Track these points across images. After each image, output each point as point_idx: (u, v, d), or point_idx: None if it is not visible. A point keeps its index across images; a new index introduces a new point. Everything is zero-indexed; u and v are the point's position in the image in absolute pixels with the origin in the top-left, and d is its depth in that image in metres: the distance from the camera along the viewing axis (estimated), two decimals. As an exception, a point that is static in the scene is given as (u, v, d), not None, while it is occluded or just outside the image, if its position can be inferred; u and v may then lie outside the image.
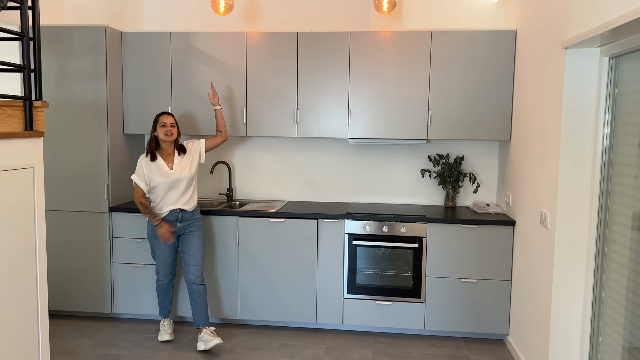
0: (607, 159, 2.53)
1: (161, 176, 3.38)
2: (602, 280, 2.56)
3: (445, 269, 3.62)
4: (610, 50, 2.42)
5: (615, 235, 2.44)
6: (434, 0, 3.99)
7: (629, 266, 2.31)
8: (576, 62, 2.57)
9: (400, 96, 3.73)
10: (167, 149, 3.46)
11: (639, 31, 2.07)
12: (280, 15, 4.17)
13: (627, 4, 1.97)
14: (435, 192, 4.16)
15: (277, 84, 3.84)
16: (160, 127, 3.39)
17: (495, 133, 3.69)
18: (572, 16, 2.53)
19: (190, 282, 3.49)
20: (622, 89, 2.41)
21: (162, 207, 3.44)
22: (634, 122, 2.30)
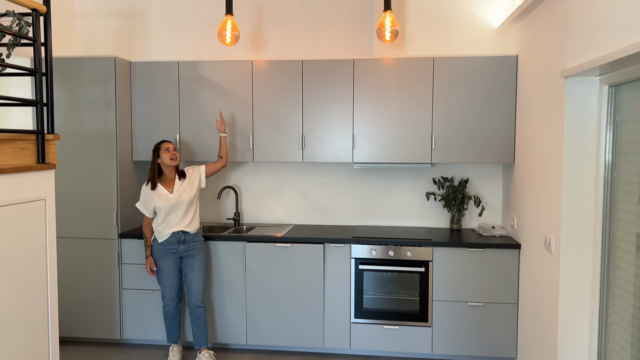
0: (609, 183, 2.55)
1: (161, 200, 3.49)
2: (607, 306, 2.57)
3: (451, 292, 3.63)
4: (609, 79, 2.46)
5: (619, 260, 2.46)
6: (436, 27, 4.06)
7: (634, 292, 2.32)
8: (576, 90, 2.62)
9: (403, 121, 3.79)
10: (169, 174, 3.57)
11: (636, 63, 2.11)
12: (285, 44, 4.26)
13: (625, 37, 2.01)
14: (441, 214, 4.18)
15: (282, 111, 3.91)
16: (165, 152, 3.51)
17: (498, 156, 3.72)
18: (571, 46, 2.58)
19: (192, 305, 3.58)
20: (623, 116, 2.45)
21: (164, 229, 3.53)
22: (635, 149, 2.33)
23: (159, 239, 3.56)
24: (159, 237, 3.56)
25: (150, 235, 3.62)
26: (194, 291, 3.58)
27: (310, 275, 3.74)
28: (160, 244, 3.55)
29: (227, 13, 3.41)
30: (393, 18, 3.28)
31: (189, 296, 3.60)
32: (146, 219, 3.60)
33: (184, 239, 3.56)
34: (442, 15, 4.05)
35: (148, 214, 3.56)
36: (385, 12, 3.29)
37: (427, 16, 4.07)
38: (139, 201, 3.59)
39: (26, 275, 2.45)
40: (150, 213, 3.56)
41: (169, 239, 3.54)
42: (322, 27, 4.20)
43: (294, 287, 3.76)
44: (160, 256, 3.56)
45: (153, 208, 3.52)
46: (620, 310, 2.44)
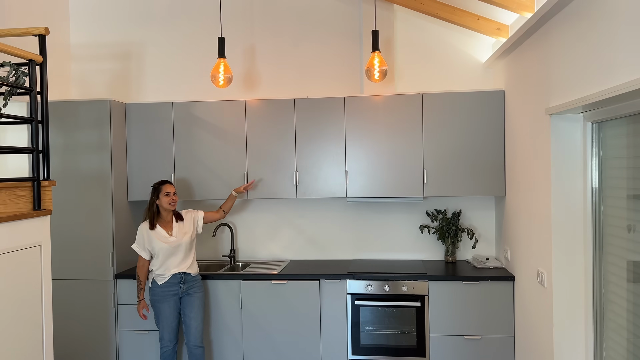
0: (597, 216, 2.60)
1: (162, 242, 3.48)
2: (602, 339, 2.58)
3: (448, 326, 3.63)
4: (592, 116, 2.53)
5: (610, 294, 2.48)
6: (424, 63, 4.17)
7: (627, 327, 2.34)
8: (561, 127, 2.69)
9: (395, 155, 3.85)
10: (167, 216, 3.59)
11: (617, 103, 2.18)
12: (277, 83, 4.35)
13: (604, 80, 2.09)
14: (435, 247, 4.21)
15: (276, 148, 3.97)
16: (165, 196, 3.53)
17: (489, 189, 3.78)
18: (555, 84, 2.66)
19: (191, 345, 3.58)
20: (607, 152, 2.51)
21: (164, 271, 3.52)
22: (619, 184, 2.38)
23: (158, 281, 3.52)
24: (159, 279, 3.52)
25: (145, 277, 3.59)
26: (193, 330, 3.57)
27: (306, 312, 3.73)
28: (160, 286, 3.51)
29: (220, 56, 3.50)
30: (381, 58, 3.37)
31: (188, 336, 3.57)
32: (141, 261, 3.56)
33: (185, 279, 3.56)
34: (429, 51, 4.16)
35: (145, 256, 3.53)
36: (373, 53, 3.39)
37: (415, 53, 4.18)
38: (135, 242, 3.57)
39: (22, 321, 2.45)
40: (147, 255, 3.53)
41: (169, 280, 3.51)
42: (313, 66, 4.30)
43: (291, 324, 3.75)
44: (161, 298, 3.51)
45: (151, 249, 3.51)
46: (614, 344, 2.46)
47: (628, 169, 2.32)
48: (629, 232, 2.32)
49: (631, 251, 2.29)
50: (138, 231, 3.57)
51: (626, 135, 2.34)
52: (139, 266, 3.57)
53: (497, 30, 3.63)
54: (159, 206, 3.56)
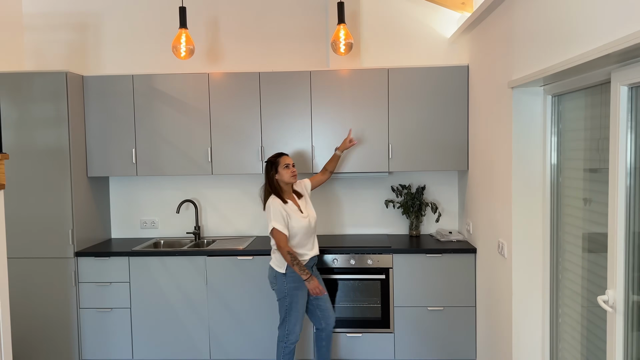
0: (555, 188, 2.67)
1: (300, 219, 3.15)
2: (558, 306, 2.68)
3: (412, 298, 3.70)
4: (552, 89, 2.58)
5: (566, 263, 2.57)
6: (390, 38, 4.15)
7: (581, 292, 2.43)
8: (522, 100, 2.73)
9: (361, 131, 3.85)
10: (288, 192, 3.24)
11: (575, 75, 2.23)
12: (242, 57, 4.26)
13: (564, 50, 2.12)
14: (400, 221, 4.26)
15: (240, 123, 3.90)
16: (284, 168, 3.17)
17: (453, 164, 3.83)
18: (517, 57, 2.69)
19: (329, 329, 3.37)
20: (566, 124, 2.57)
21: (303, 254, 3.19)
22: (577, 156, 2.45)
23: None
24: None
25: (295, 252, 3.14)
26: (331, 312, 3.35)
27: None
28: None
29: (182, 27, 3.39)
30: (347, 31, 3.33)
31: (328, 319, 3.34)
32: (284, 238, 3.08)
33: (315, 263, 3.34)
34: (395, 26, 4.15)
35: (287, 232, 3.10)
36: (339, 26, 3.35)
37: (380, 28, 4.16)
38: (274, 219, 3.07)
39: (-25, 302, 2.36)
40: (288, 231, 3.11)
41: (307, 264, 3.19)
42: (279, 40, 4.22)
43: (257, 299, 3.75)
44: (300, 284, 3.15)
45: (290, 227, 3.12)
46: (570, 310, 2.56)
47: (585, 141, 2.38)
48: (585, 205, 2.39)
49: (587, 222, 2.37)
50: (271, 207, 3.11)
51: (584, 108, 2.40)
52: (283, 245, 3.06)
53: (462, 5, 3.64)
54: (279, 181, 3.20)
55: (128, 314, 3.80)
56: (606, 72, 1.95)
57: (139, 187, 4.36)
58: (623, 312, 1.87)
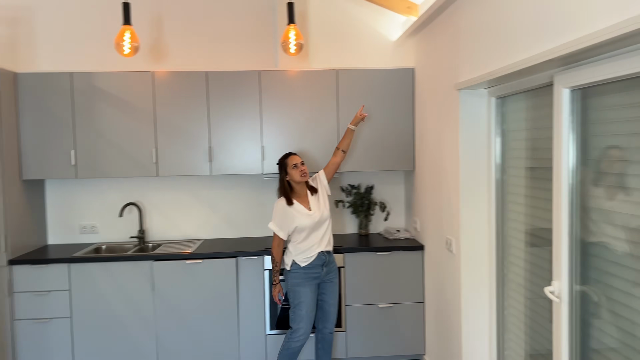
0: (500, 186, 2.80)
1: (304, 218, 3.19)
2: (504, 298, 2.81)
3: (363, 296, 3.76)
4: (495, 92, 2.71)
5: (511, 257, 2.70)
6: (337, 40, 4.19)
7: (525, 285, 2.56)
8: (468, 101, 2.84)
9: (311, 131, 3.86)
10: (301, 190, 3.28)
11: (519, 78, 2.34)
12: (188, 55, 4.15)
13: (507, 56, 2.23)
14: (350, 220, 4.31)
15: (187, 123, 3.81)
16: (293, 169, 3.22)
17: (400, 163, 3.92)
18: (463, 61, 2.80)
19: (327, 332, 3.39)
20: (509, 125, 2.70)
21: (308, 251, 3.22)
22: (519, 155, 2.58)
23: (301, 263, 3.21)
24: (302, 260, 3.21)
25: (280, 258, 3.29)
26: (332, 317, 3.36)
27: (223, 291, 3.67)
28: (303, 268, 3.20)
29: (125, 23, 3.26)
30: (298, 31, 3.33)
31: (325, 322, 3.36)
32: (277, 240, 3.25)
33: (328, 260, 3.29)
34: (342, 28, 4.20)
35: (283, 235, 3.23)
36: (289, 26, 3.34)
37: (328, 29, 4.19)
38: (273, 221, 3.25)
39: None
40: (285, 234, 3.23)
41: (314, 261, 3.22)
42: (226, 39, 4.16)
43: (207, 304, 3.67)
44: (303, 282, 3.21)
45: (293, 228, 3.19)
46: (514, 302, 2.69)
47: (526, 141, 2.52)
48: (525, 199, 2.53)
49: (529, 218, 2.50)
50: (274, 208, 3.26)
51: (525, 110, 2.53)
52: (275, 246, 3.26)
53: (408, 9, 3.74)
54: (290, 181, 3.25)
55: (68, 324, 3.61)
56: (549, 75, 2.07)
57: (77, 190, 4.15)
58: (568, 302, 1.99)
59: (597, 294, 1.90)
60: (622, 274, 1.76)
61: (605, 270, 1.85)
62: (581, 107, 1.94)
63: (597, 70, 1.73)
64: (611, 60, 1.66)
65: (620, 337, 1.79)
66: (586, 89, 1.90)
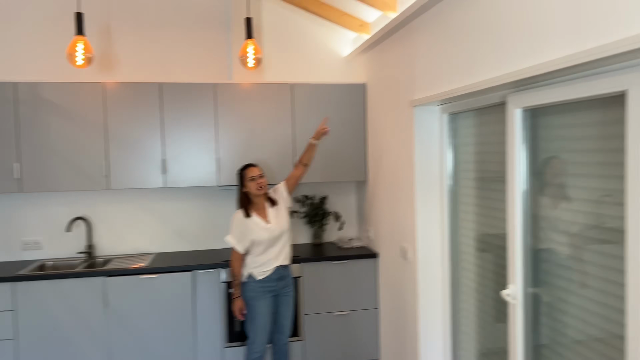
0: (452, 196, 2.99)
1: (261, 232, 3.18)
2: (458, 302, 3.00)
3: (319, 304, 3.84)
4: (447, 109, 2.90)
5: (464, 263, 2.89)
6: (290, 54, 4.28)
7: (476, 288, 2.75)
8: (423, 117, 3.02)
9: (267, 143, 3.91)
10: (259, 202, 3.27)
11: (469, 97, 2.54)
12: (139, 66, 4.08)
13: (460, 78, 2.41)
14: (303, 231, 4.39)
15: (141, 135, 3.75)
16: (250, 181, 3.21)
17: (353, 174, 4.06)
18: (418, 79, 2.98)
19: (282, 343, 3.42)
20: (460, 139, 2.90)
21: (265, 264, 3.22)
22: (469, 167, 2.78)
23: (258, 276, 3.21)
24: (260, 273, 3.21)
25: (240, 272, 3.25)
26: (286, 330, 3.40)
27: (179, 305, 3.62)
28: (259, 282, 3.21)
29: (78, 33, 3.17)
30: (256, 46, 3.39)
31: (281, 334, 3.40)
32: (235, 254, 3.23)
33: (284, 274, 3.30)
34: (295, 42, 4.29)
35: (240, 249, 3.20)
36: (247, 41, 3.39)
37: (282, 43, 4.27)
38: (231, 234, 3.21)
39: None
40: (243, 247, 3.20)
41: (270, 275, 3.22)
42: (179, 50, 4.13)
43: (163, 319, 3.61)
44: (258, 295, 3.21)
45: (250, 241, 3.17)
46: (467, 305, 2.87)
47: (475, 154, 2.72)
48: (477, 209, 2.72)
49: (480, 225, 2.70)
50: (232, 221, 3.24)
51: (473, 126, 2.74)
52: (233, 260, 3.24)
53: (360, 27, 3.90)
54: (248, 194, 3.23)
55: (11, 346, 3.42)
56: (502, 95, 2.27)
57: (19, 205, 3.95)
58: (522, 303, 2.18)
59: (547, 295, 2.09)
60: (568, 276, 1.96)
61: (553, 273, 2.05)
62: (530, 125, 2.15)
63: (546, 93, 1.93)
64: (558, 86, 1.86)
65: (566, 333, 1.98)
66: (536, 109, 2.10)
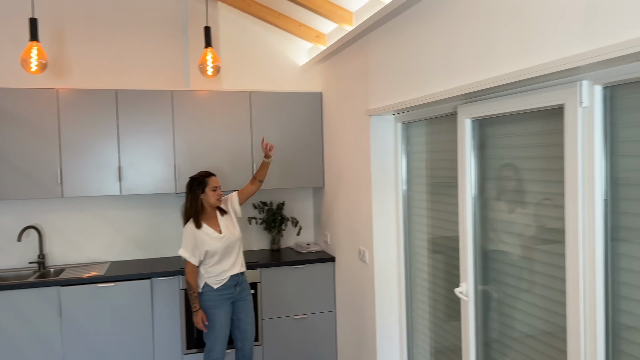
0: (406, 200, 3.15)
1: (214, 242, 3.17)
2: (412, 301, 3.15)
3: (278, 309, 3.91)
4: (401, 118, 3.06)
5: (417, 264, 3.05)
6: (247, 63, 4.35)
7: (429, 287, 2.91)
8: (378, 126, 3.17)
9: (226, 150, 3.95)
10: (211, 212, 3.27)
11: (422, 108, 2.70)
12: (94, 72, 4.03)
13: (414, 90, 2.57)
14: (263, 236, 4.45)
15: (96, 142, 3.70)
16: (212, 191, 3.19)
17: (311, 181, 4.16)
18: (374, 90, 3.12)
19: (247, 349, 3.41)
20: (413, 147, 3.06)
21: (221, 274, 3.23)
22: (422, 173, 2.94)
23: (214, 285, 3.21)
24: (215, 282, 3.21)
25: (196, 284, 3.22)
26: (250, 335, 3.39)
27: (137, 313, 3.60)
28: (216, 290, 3.21)
29: (32, 39, 3.12)
30: (215, 54, 3.44)
31: (244, 341, 3.38)
32: (190, 266, 3.19)
33: (240, 281, 3.32)
34: (252, 51, 4.36)
35: (194, 261, 3.17)
36: (206, 49, 3.43)
37: (239, 51, 4.33)
38: (183, 247, 3.18)
39: None
40: (197, 260, 3.17)
41: (227, 282, 3.23)
42: (135, 57, 4.11)
43: (120, 327, 3.57)
44: (217, 304, 3.21)
45: (204, 253, 3.15)
46: (421, 303, 3.03)
47: (427, 161, 2.89)
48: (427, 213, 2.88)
49: (431, 228, 2.86)
50: (184, 234, 3.19)
51: (426, 134, 2.90)
52: (189, 272, 3.19)
53: (316, 38, 4.02)
54: (203, 202, 3.19)
55: (-42, 363, 3.29)
56: (452, 106, 2.44)
57: (-36, 215, 3.80)
58: (474, 300, 2.34)
59: (496, 292, 2.27)
60: (515, 273, 2.14)
61: (501, 271, 2.23)
62: (479, 133, 2.32)
63: (493, 105, 2.11)
64: (504, 99, 2.03)
65: (514, 328, 2.16)
66: (484, 119, 2.27)
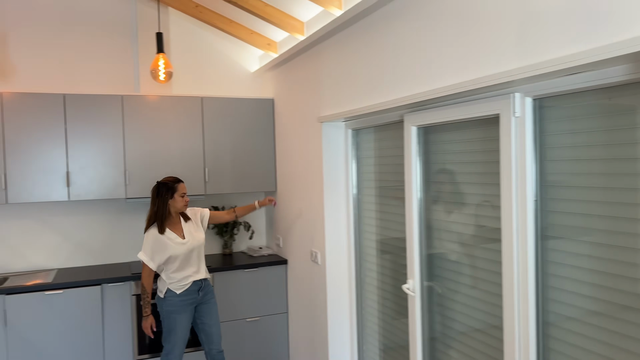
0: (356, 203, 3.29)
1: (176, 247, 3.17)
2: (362, 299, 3.29)
3: (232, 312, 3.95)
4: (350, 125, 3.20)
5: (368, 264, 3.20)
6: (198, 69, 4.38)
7: (378, 286, 3.06)
8: (330, 132, 3.30)
9: (178, 156, 3.97)
10: (176, 218, 3.28)
11: (371, 115, 2.85)
12: (40, 76, 3.93)
13: (358, 100, 2.72)
14: (213, 241, 4.47)
15: (42, 147, 3.62)
16: (181, 197, 3.22)
17: (262, 185, 4.24)
18: (325, 97, 3.25)
19: (215, 352, 3.38)
20: (362, 152, 3.21)
21: (183, 279, 3.21)
22: (370, 177, 3.10)
23: (177, 290, 3.19)
24: (178, 288, 3.19)
25: (151, 289, 3.22)
26: (216, 337, 3.38)
27: (87, 320, 3.54)
28: (178, 296, 3.19)
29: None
30: (167, 60, 3.46)
31: (211, 344, 3.37)
32: (147, 271, 3.17)
33: (203, 285, 3.30)
34: (204, 57, 4.39)
35: (153, 266, 3.15)
36: (158, 55, 3.45)
37: (190, 57, 4.35)
38: (143, 251, 3.16)
39: None
40: (155, 265, 3.15)
41: (190, 288, 3.22)
42: (83, 61, 4.05)
43: (69, 335, 3.50)
44: (179, 309, 3.20)
45: (166, 258, 3.14)
46: (371, 302, 3.18)
47: (375, 165, 3.04)
48: (375, 214, 3.04)
49: (380, 229, 3.02)
50: (145, 238, 3.17)
51: (375, 140, 3.06)
52: (145, 276, 3.18)
53: (268, 45, 4.11)
54: (170, 207, 3.20)
55: None
56: (399, 114, 2.60)
57: None
58: (420, 295, 2.51)
59: (440, 288, 2.44)
60: (457, 270, 2.32)
61: (444, 268, 2.40)
62: (424, 140, 2.49)
63: (437, 114, 2.28)
64: (446, 108, 2.21)
65: (458, 321, 2.34)
66: (429, 127, 2.45)
